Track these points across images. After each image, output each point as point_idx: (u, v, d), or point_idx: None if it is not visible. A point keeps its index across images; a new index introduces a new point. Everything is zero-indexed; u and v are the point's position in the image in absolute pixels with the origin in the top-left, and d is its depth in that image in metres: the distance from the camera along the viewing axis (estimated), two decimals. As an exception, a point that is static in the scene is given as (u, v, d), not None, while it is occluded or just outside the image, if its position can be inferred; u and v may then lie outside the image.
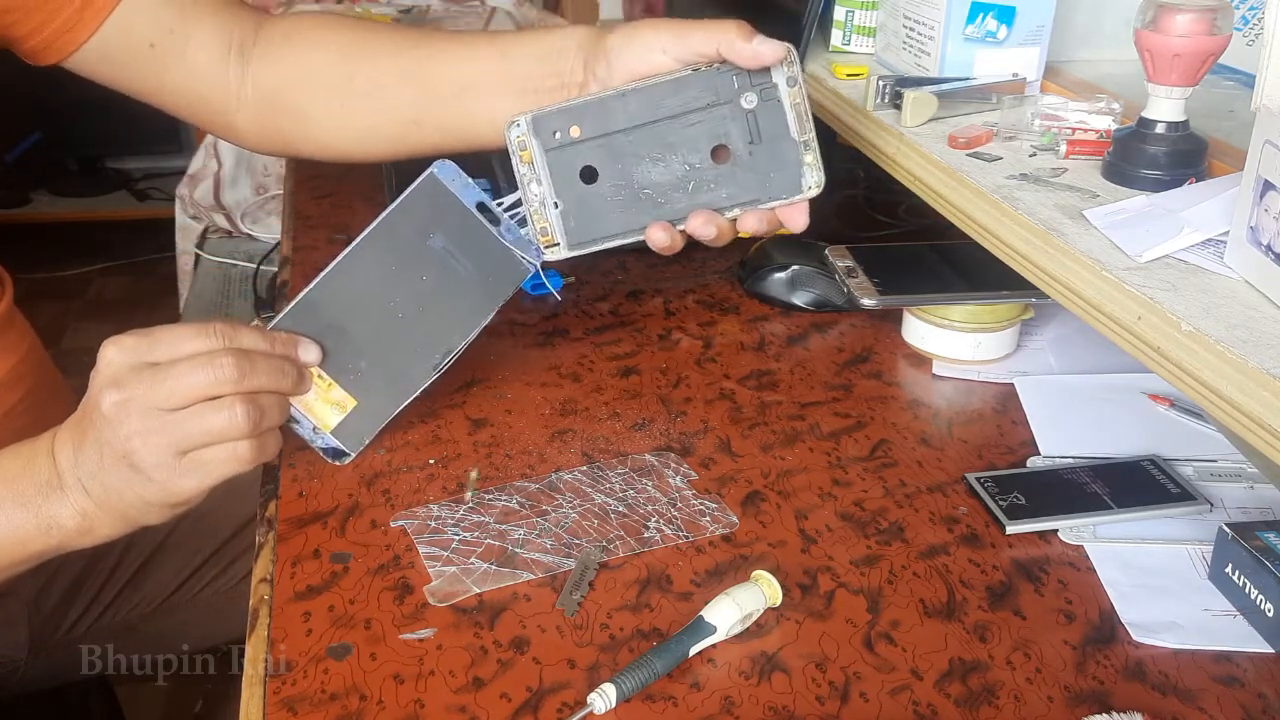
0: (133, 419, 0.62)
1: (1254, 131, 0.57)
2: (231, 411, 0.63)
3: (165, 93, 0.85)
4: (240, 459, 0.64)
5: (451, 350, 0.69)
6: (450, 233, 0.70)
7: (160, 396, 0.62)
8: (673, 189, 0.69)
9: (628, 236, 0.71)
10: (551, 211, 0.71)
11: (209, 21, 0.84)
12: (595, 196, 0.70)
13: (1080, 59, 0.94)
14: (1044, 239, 0.67)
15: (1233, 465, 0.75)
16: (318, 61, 0.85)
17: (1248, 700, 0.57)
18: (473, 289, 0.71)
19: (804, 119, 0.68)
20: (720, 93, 0.68)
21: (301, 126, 0.86)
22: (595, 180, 0.70)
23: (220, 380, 0.63)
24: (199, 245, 1.99)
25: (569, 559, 0.65)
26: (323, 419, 0.69)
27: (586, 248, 0.72)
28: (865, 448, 0.77)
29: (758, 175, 0.68)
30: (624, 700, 0.55)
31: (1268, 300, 0.57)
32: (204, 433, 0.63)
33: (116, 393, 0.62)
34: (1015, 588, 0.65)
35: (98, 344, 0.66)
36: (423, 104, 0.82)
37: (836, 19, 1.03)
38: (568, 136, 0.70)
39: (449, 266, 0.70)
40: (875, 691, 0.57)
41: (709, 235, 0.70)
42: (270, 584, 0.63)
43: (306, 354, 0.69)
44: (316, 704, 0.55)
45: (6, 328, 0.86)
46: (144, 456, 0.63)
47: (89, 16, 0.80)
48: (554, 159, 0.70)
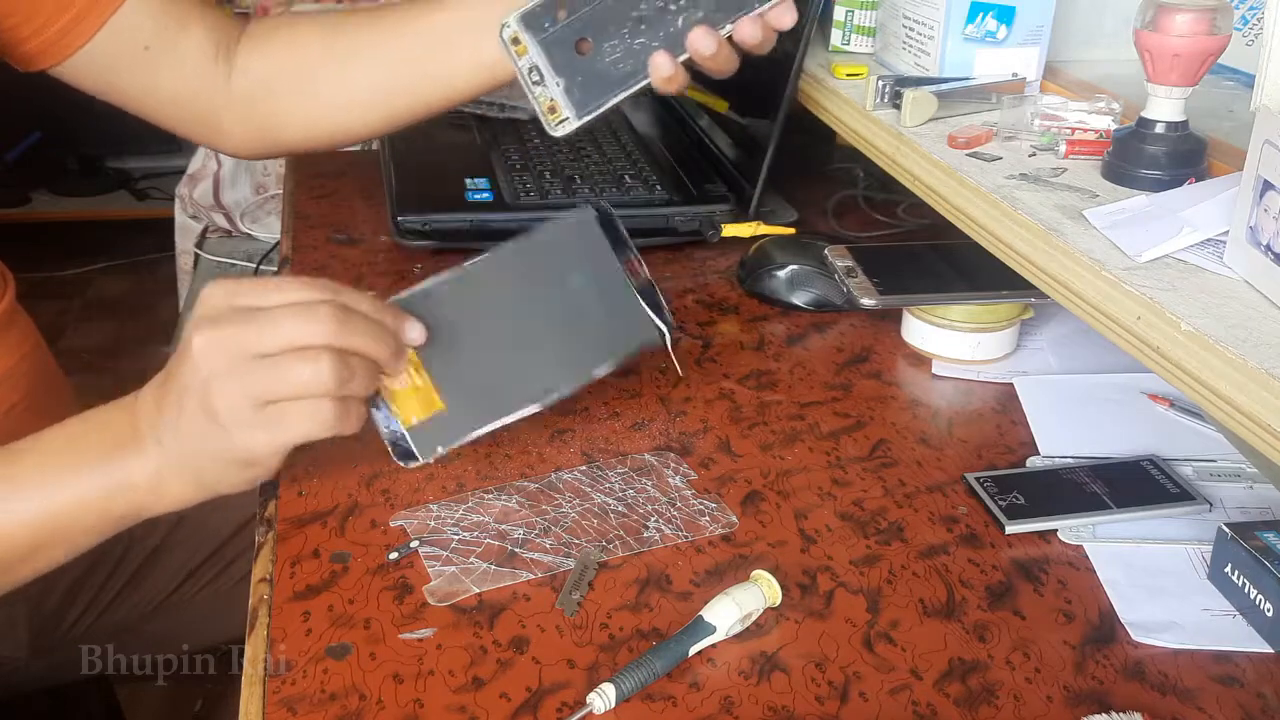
0: (217, 359, 0.59)
1: (1254, 131, 0.57)
2: (317, 364, 0.59)
3: (155, 97, 0.86)
4: (321, 420, 0.60)
5: (558, 392, 0.66)
6: (591, 278, 0.69)
7: (250, 338, 0.59)
8: (664, 29, 0.72)
9: (633, 83, 0.73)
10: (555, 90, 0.72)
11: (200, 24, 0.85)
12: (594, 62, 0.72)
13: (1080, 59, 0.94)
14: (1044, 239, 0.67)
15: (1232, 465, 0.75)
16: (300, 41, 0.87)
17: (1247, 700, 0.57)
18: (596, 337, 0.69)
19: None
20: None
21: (287, 111, 0.87)
22: (592, 48, 0.72)
23: (315, 330, 0.59)
24: (199, 245, 1.99)
25: (568, 559, 0.65)
26: (404, 413, 0.65)
27: (595, 110, 0.73)
28: (865, 448, 0.77)
29: None
30: (623, 700, 0.55)
31: (1267, 300, 0.57)
32: (285, 382, 0.59)
33: (209, 329, 0.59)
34: (1015, 588, 0.65)
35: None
36: (406, 58, 0.84)
37: (836, 19, 1.03)
38: (555, 21, 0.72)
39: (580, 308, 0.68)
40: (875, 691, 0.57)
41: (710, 48, 0.71)
42: (270, 584, 0.63)
43: (411, 331, 0.64)
44: (316, 704, 0.55)
45: (8, 326, 0.86)
46: (220, 401, 0.59)
47: (93, 17, 0.80)
48: (548, 44, 0.72)
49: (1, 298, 0.86)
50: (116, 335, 2.78)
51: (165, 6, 0.83)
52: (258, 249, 1.93)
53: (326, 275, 0.97)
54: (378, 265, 1.00)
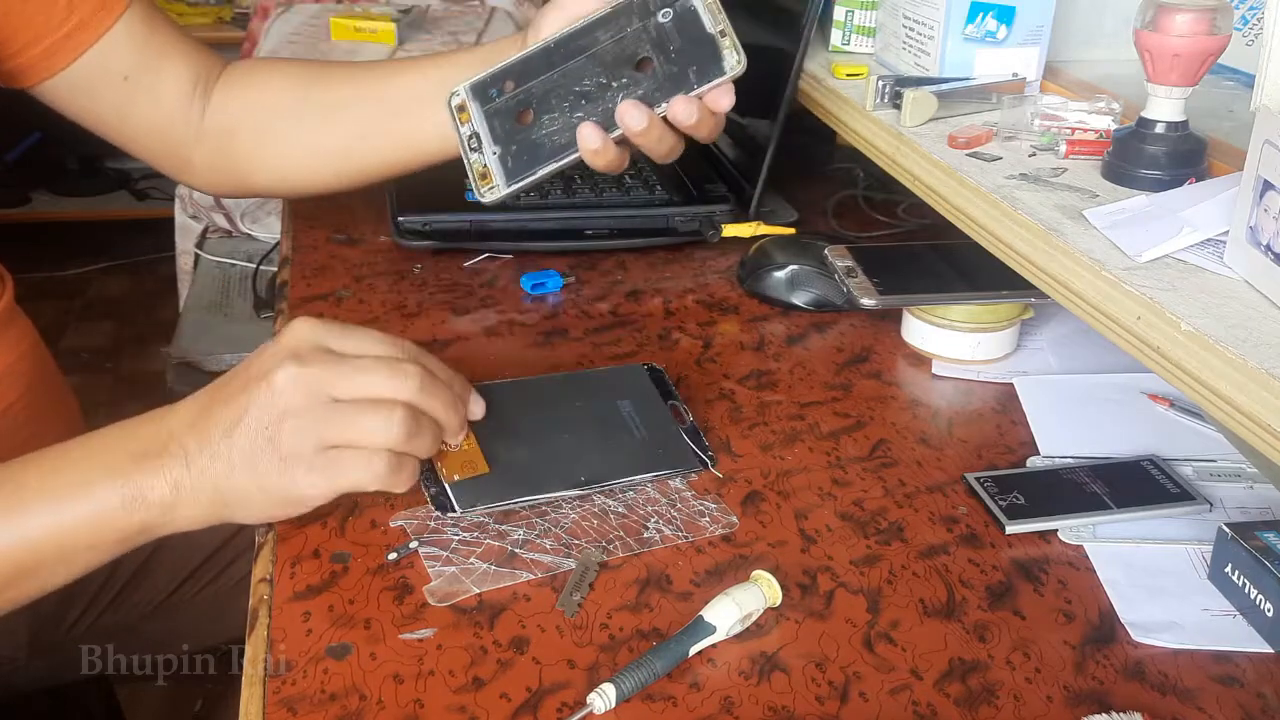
0: (297, 396, 0.60)
1: (1254, 131, 0.57)
2: (390, 415, 0.61)
3: (128, 127, 0.87)
4: (374, 471, 0.62)
5: (598, 485, 0.69)
6: (639, 408, 0.75)
7: (336, 383, 0.61)
8: (602, 104, 0.71)
9: (565, 155, 0.72)
10: (491, 158, 0.73)
11: (181, 60, 0.87)
12: (531, 132, 0.72)
13: (1080, 59, 0.94)
14: (1044, 239, 0.67)
15: (1232, 465, 0.75)
16: (275, 88, 0.88)
17: (1247, 700, 0.57)
18: (639, 451, 0.72)
19: (716, 13, 0.70)
20: (637, 15, 0.70)
21: (257, 154, 0.88)
22: (530, 120, 0.73)
23: (398, 386, 0.62)
24: (199, 245, 1.99)
25: (568, 559, 0.65)
26: (449, 471, 0.67)
27: (524, 179, 0.73)
28: (865, 447, 0.77)
29: (680, 70, 0.70)
30: (624, 700, 0.55)
31: (1267, 300, 0.57)
32: (353, 428, 0.61)
33: (295, 365, 0.61)
34: (1015, 588, 0.65)
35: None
36: (374, 118, 0.85)
37: (836, 19, 1.03)
38: (502, 92, 0.73)
39: (626, 427, 0.74)
40: (875, 691, 0.57)
41: (639, 123, 0.69)
42: (270, 584, 0.63)
43: (476, 405, 0.68)
44: (316, 704, 0.55)
45: (6, 326, 0.86)
46: (289, 438, 0.60)
47: (74, 43, 0.81)
48: (491, 114, 0.73)
49: (0, 297, 0.86)
50: (116, 335, 2.78)
51: (148, 40, 0.84)
52: (258, 249, 1.94)
53: (326, 275, 0.98)
54: (378, 265, 1.00)
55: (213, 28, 2.85)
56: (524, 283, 0.97)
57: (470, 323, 0.92)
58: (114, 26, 0.82)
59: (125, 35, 0.83)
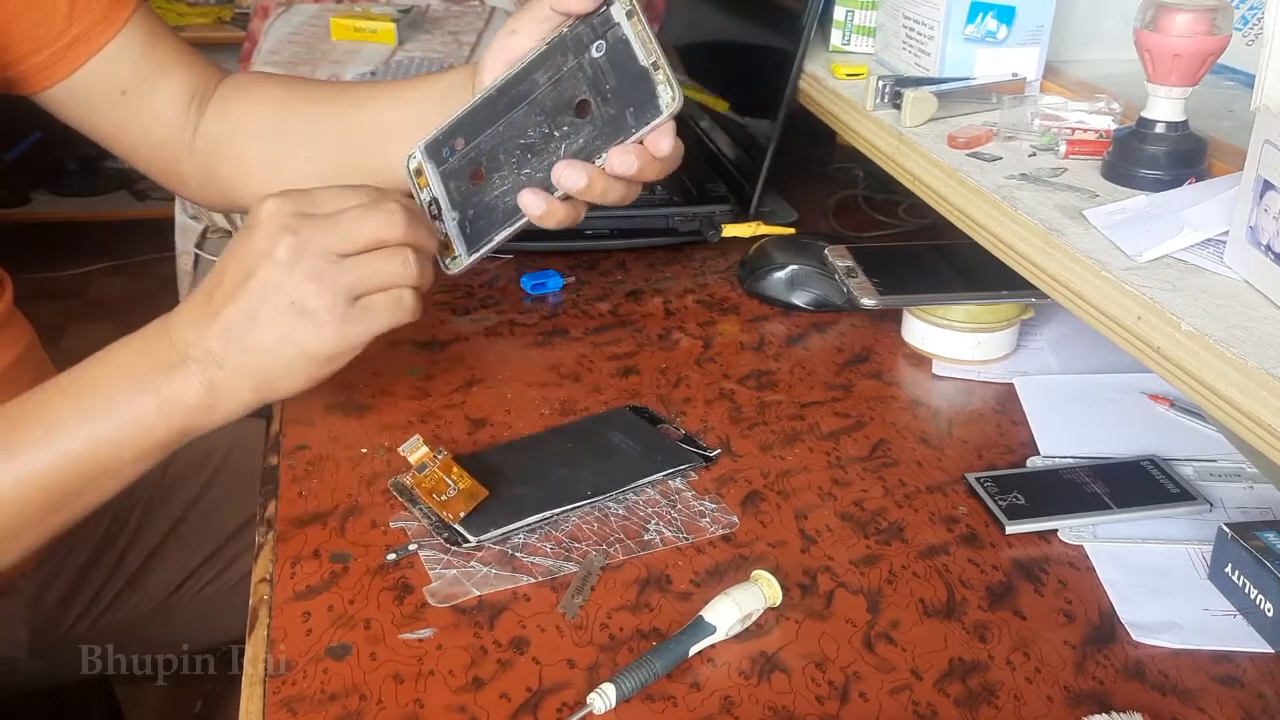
0: (307, 261, 0.62)
1: (1254, 131, 0.57)
2: (404, 257, 0.64)
3: (125, 138, 0.88)
4: (405, 308, 0.65)
5: (603, 492, 0.70)
6: (630, 435, 0.76)
7: (335, 240, 0.63)
8: (547, 158, 0.69)
9: (515, 219, 0.70)
10: (451, 225, 0.71)
11: (179, 75, 0.87)
12: (484, 194, 0.71)
13: (1080, 59, 0.94)
14: (1044, 239, 0.67)
15: (1233, 465, 0.75)
16: (257, 108, 0.88)
17: (1247, 700, 0.57)
18: (638, 462, 0.73)
19: (648, 43, 0.66)
20: (571, 52, 0.68)
21: (240, 174, 0.88)
22: (483, 180, 0.71)
23: (391, 226, 0.64)
24: (199, 245, 1.99)
25: (569, 562, 0.65)
26: (454, 512, 0.67)
27: (482, 248, 0.71)
28: (865, 448, 0.77)
29: (618, 113, 0.67)
30: (624, 700, 0.55)
31: (1268, 300, 0.57)
32: (379, 275, 0.63)
33: (290, 235, 0.62)
34: (1015, 588, 0.65)
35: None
36: (348, 148, 0.85)
37: (836, 19, 1.03)
38: (454, 150, 0.71)
39: (620, 449, 0.75)
40: (875, 691, 0.57)
41: (578, 183, 0.67)
42: (270, 584, 0.63)
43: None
44: (316, 704, 0.55)
45: (4, 326, 0.86)
46: (318, 299, 0.62)
47: (74, 54, 0.81)
48: (446, 175, 0.71)
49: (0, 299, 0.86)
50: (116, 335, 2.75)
51: (147, 54, 0.84)
52: (258, 249, 1.93)
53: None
54: (378, 265, 1.00)
55: (213, 28, 2.84)
56: (524, 283, 0.97)
57: (470, 323, 0.92)
58: (113, 40, 0.82)
59: (125, 49, 0.83)
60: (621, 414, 0.79)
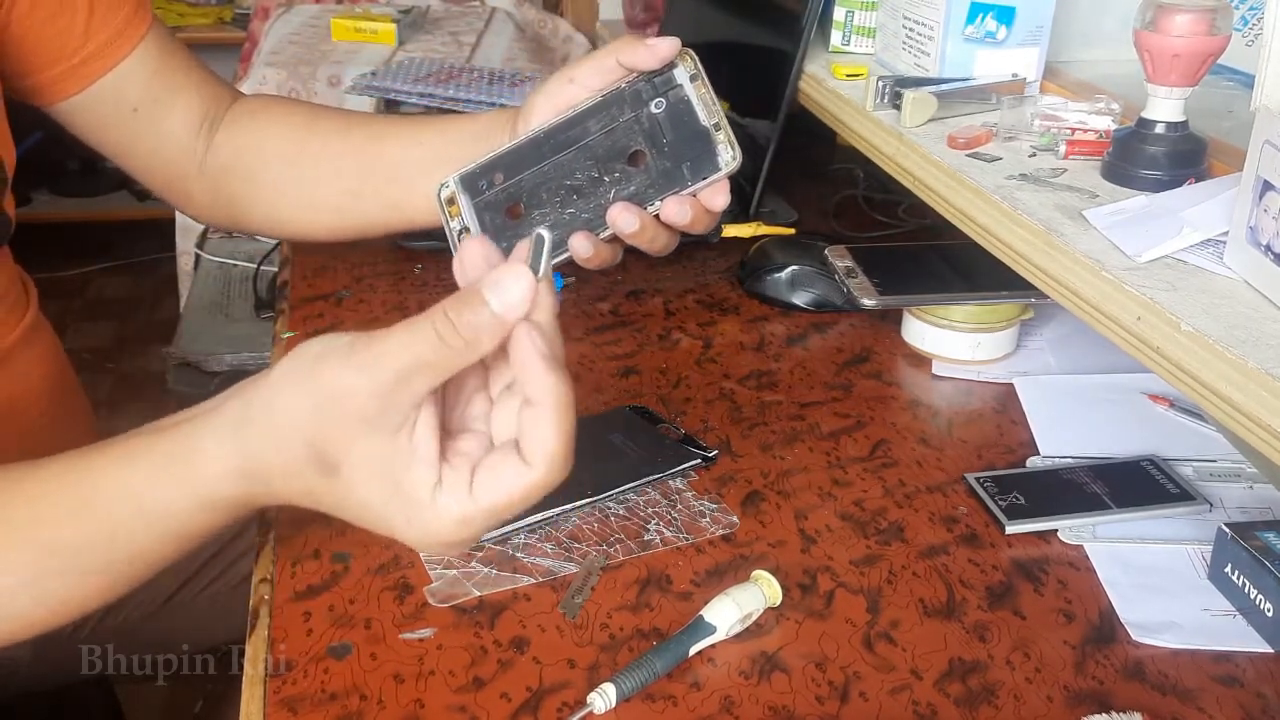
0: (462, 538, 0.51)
1: (1253, 131, 0.57)
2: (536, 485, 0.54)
3: (134, 155, 0.88)
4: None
5: (602, 492, 0.71)
6: (630, 436, 0.77)
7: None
8: (593, 200, 0.69)
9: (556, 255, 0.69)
10: None
11: (191, 94, 0.86)
12: (521, 227, 0.70)
13: (1080, 59, 0.94)
14: (1044, 239, 0.67)
15: (1232, 465, 0.75)
16: (274, 133, 0.87)
17: (1247, 700, 0.57)
18: (638, 464, 0.74)
19: (711, 106, 0.67)
20: (629, 105, 0.68)
21: (252, 195, 0.88)
22: (521, 215, 0.70)
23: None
24: (199, 245, 1.99)
25: (569, 563, 0.65)
26: None
27: None
28: (865, 448, 0.77)
29: (674, 166, 0.68)
30: (624, 700, 0.55)
31: (1267, 300, 0.57)
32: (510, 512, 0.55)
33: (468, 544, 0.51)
34: (1015, 588, 0.65)
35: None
36: (366, 179, 0.85)
37: (836, 19, 1.03)
38: (492, 184, 0.70)
39: (620, 451, 0.75)
40: (875, 691, 0.57)
41: (631, 226, 0.67)
42: (270, 584, 0.63)
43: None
44: (316, 704, 0.55)
45: (33, 338, 0.86)
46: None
47: (88, 70, 0.82)
48: (481, 207, 0.71)
49: (25, 309, 0.86)
50: (116, 335, 2.78)
51: (159, 73, 0.84)
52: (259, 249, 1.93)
53: (326, 275, 0.98)
54: (378, 266, 1.00)
55: (213, 28, 2.84)
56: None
57: (470, 323, 0.92)
58: (127, 58, 0.83)
59: (138, 68, 0.83)
60: (621, 414, 0.79)
